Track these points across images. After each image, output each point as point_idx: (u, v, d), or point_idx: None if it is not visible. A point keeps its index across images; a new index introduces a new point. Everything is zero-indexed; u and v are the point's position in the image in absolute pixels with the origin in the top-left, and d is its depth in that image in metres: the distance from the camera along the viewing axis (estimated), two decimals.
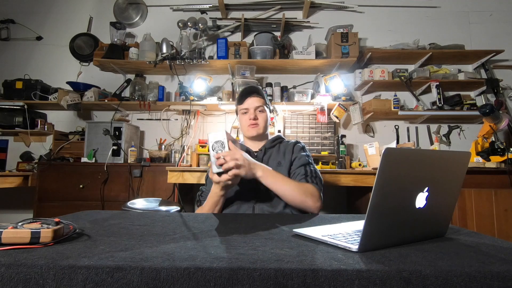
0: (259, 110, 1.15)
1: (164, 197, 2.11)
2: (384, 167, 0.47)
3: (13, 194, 2.59)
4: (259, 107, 1.15)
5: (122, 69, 2.66)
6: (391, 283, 0.40)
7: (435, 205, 0.57)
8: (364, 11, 2.77)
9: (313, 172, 1.07)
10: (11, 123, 2.45)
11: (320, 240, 0.55)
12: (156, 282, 0.39)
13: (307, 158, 1.12)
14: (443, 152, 0.58)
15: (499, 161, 1.94)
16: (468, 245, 0.55)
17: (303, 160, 1.10)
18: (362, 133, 2.68)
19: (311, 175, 1.06)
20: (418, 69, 2.55)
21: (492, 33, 2.72)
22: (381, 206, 0.49)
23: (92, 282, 0.39)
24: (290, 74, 2.72)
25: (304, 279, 0.40)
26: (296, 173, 1.08)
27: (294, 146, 1.16)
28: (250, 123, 1.14)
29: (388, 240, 0.53)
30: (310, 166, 1.10)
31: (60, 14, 2.84)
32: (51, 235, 0.49)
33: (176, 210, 1.53)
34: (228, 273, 0.40)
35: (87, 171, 2.17)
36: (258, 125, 1.14)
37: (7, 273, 0.39)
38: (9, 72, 2.70)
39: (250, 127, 1.15)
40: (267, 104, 1.20)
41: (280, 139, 1.21)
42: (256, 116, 1.15)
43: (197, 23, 2.50)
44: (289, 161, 1.11)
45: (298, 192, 0.96)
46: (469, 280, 0.40)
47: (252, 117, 1.13)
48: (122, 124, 2.33)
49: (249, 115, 1.14)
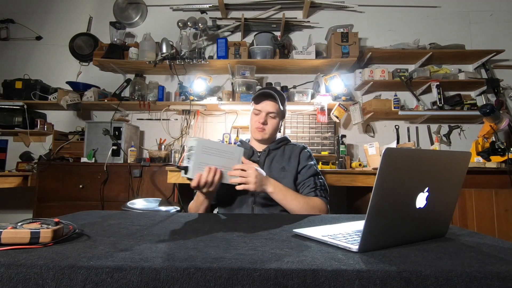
0: (270, 116, 1.13)
1: (164, 197, 2.11)
2: (384, 167, 0.47)
3: (12, 194, 2.59)
4: (271, 113, 1.13)
5: (122, 69, 2.66)
6: (391, 283, 0.40)
7: (435, 205, 0.57)
8: (364, 11, 2.77)
9: (322, 185, 1.09)
10: (11, 123, 2.45)
11: (320, 240, 0.55)
12: (156, 283, 0.39)
13: (315, 168, 1.13)
14: (443, 152, 0.58)
15: (499, 161, 1.94)
16: (468, 245, 0.55)
17: (312, 171, 1.10)
18: (362, 133, 2.68)
19: (320, 188, 1.07)
20: (419, 69, 2.55)
21: (492, 33, 2.72)
22: (381, 206, 0.49)
23: (91, 282, 0.39)
24: (290, 74, 2.72)
25: (304, 279, 0.40)
26: (305, 184, 1.08)
27: (301, 153, 1.15)
28: (258, 126, 1.12)
29: (388, 240, 0.53)
30: (319, 178, 1.10)
31: (59, 14, 2.84)
32: (51, 235, 0.49)
33: (176, 210, 1.53)
34: (228, 274, 0.40)
35: (87, 171, 2.17)
36: (264, 130, 1.13)
37: (7, 273, 0.39)
38: (9, 72, 2.69)
39: (257, 130, 1.13)
40: (282, 110, 1.17)
41: (286, 141, 1.20)
42: (266, 121, 1.12)
43: (197, 23, 2.50)
44: (295, 168, 1.11)
45: (307, 209, 0.98)
46: (470, 280, 0.40)
47: (262, 121, 1.12)
48: (122, 124, 2.33)
49: (260, 118, 1.12)
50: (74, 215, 0.79)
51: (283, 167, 1.10)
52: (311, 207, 0.99)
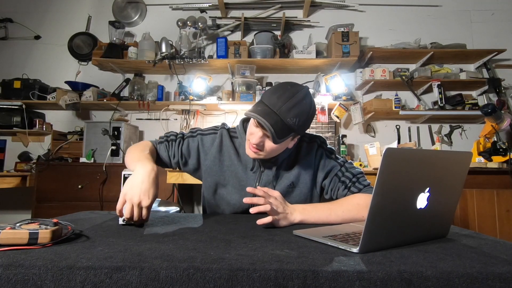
0: (268, 138, 0.77)
1: (163, 198, 2.11)
2: (385, 167, 0.47)
3: (11, 194, 2.59)
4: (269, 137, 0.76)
5: (121, 68, 2.66)
6: (392, 284, 0.39)
7: (436, 206, 0.57)
8: (365, 10, 2.77)
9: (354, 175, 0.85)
10: (9, 123, 2.45)
11: (320, 241, 0.55)
12: (155, 283, 0.39)
13: (339, 162, 0.88)
14: (444, 152, 0.58)
15: (501, 161, 1.94)
16: (469, 246, 0.55)
17: (336, 169, 0.87)
18: (363, 133, 2.68)
19: (352, 180, 0.84)
20: (420, 68, 2.55)
21: (494, 32, 2.71)
22: (382, 207, 0.49)
23: (90, 283, 0.39)
24: (290, 74, 2.71)
25: (304, 280, 0.39)
26: (333, 189, 0.87)
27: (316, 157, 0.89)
28: (250, 146, 0.80)
29: (389, 241, 0.52)
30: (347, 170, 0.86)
31: (58, 13, 2.83)
32: (49, 236, 0.48)
33: (176, 211, 1.52)
34: (227, 274, 0.39)
35: (86, 171, 2.17)
36: (259, 152, 0.80)
37: (5, 274, 0.39)
38: (7, 71, 2.69)
39: (250, 149, 0.81)
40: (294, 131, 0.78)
41: (300, 143, 0.90)
42: (262, 143, 0.78)
43: (197, 22, 2.49)
44: (310, 179, 0.87)
45: (350, 215, 0.75)
46: (471, 281, 0.40)
47: (255, 142, 0.78)
48: (121, 124, 2.32)
49: (254, 137, 0.78)
50: (73, 216, 0.79)
51: (292, 183, 0.87)
52: (356, 210, 0.75)
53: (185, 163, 0.92)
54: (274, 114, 0.74)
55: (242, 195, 0.81)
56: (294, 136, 0.81)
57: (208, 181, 0.91)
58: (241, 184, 0.88)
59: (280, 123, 0.74)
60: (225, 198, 0.89)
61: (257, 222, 0.67)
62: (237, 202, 0.88)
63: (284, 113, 0.74)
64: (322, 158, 0.89)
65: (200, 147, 0.91)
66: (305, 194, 0.88)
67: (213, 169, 0.90)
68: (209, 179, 0.91)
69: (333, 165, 0.88)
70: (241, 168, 0.89)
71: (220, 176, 0.90)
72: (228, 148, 0.90)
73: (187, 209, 2.51)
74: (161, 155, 0.91)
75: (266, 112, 0.74)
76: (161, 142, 0.92)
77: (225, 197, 0.89)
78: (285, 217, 0.70)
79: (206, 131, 0.94)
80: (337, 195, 0.86)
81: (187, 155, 0.91)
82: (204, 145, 0.91)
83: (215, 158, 0.90)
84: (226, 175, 0.89)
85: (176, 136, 0.93)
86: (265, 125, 0.72)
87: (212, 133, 0.93)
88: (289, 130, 0.76)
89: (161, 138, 0.94)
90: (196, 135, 0.93)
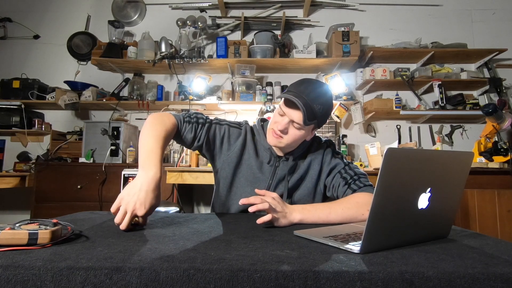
0: (294, 126, 0.84)
1: (163, 198, 2.11)
2: (386, 167, 0.47)
3: (10, 194, 2.58)
4: (297, 123, 0.83)
5: (120, 68, 2.65)
6: (393, 285, 0.39)
7: (437, 206, 0.56)
8: (365, 9, 2.77)
9: (355, 174, 0.88)
10: (8, 123, 2.45)
11: (321, 242, 0.54)
12: (155, 284, 0.39)
13: (341, 162, 0.92)
14: (445, 152, 0.58)
15: (502, 161, 1.93)
16: (471, 246, 0.55)
17: (338, 168, 0.91)
18: (363, 133, 2.68)
19: (352, 178, 0.86)
20: (420, 68, 2.55)
21: (495, 31, 2.71)
22: (383, 207, 0.49)
23: (90, 283, 0.39)
24: (290, 73, 2.71)
25: (305, 280, 0.39)
26: (334, 186, 0.90)
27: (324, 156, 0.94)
28: (275, 131, 0.86)
29: (390, 242, 0.52)
30: (348, 169, 0.90)
31: (57, 12, 2.83)
32: (49, 236, 0.48)
33: (175, 211, 1.52)
34: (228, 275, 0.39)
35: (85, 172, 2.16)
36: (281, 139, 0.86)
37: (5, 274, 0.39)
38: (6, 71, 2.69)
39: (272, 134, 0.86)
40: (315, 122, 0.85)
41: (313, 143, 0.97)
42: (287, 130, 0.85)
43: (196, 22, 2.49)
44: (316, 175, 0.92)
45: (350, 214, 0.75)
46: (473, 282, 0.40)
47: (281, 129, 0.84)
48: (120, 124, 2.32)
49: (280, 124, 0.84)
50: (73, 216, 0.78)
51: (301, 177, 0.92)
52: (355, 208, 0.76)
53: (208, 149, 0.94)
54: (303, 98, 0.81)
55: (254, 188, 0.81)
56: (314, 127, 0.88)
57: (226, 171, 0.94)
58: (255, 177, 0.92)
59: (309, 107, 0.81)
60: (237, 191, 0.93)
61: (257, 221, 0.67)
62: (248, 195, 0.86)
63: (312, 99, 0.82)
64: (329, 156, 0.94)
65: (225, 137, 0.94)
66: (309, 189, 0.92)
67: (234, 161, 0.93)
68: (227, 169, 0.94)
69: (337, 162, 0.93)
70: (257, 164, 0.93)
71: (237, 169, 0.93)
72: (250, 144, 0.95)
73: (187, 209, 2.50)
74: (184, 135, 0.89)
75: (297, 96, 0.81)
76: (189, 122, 0.90)
77: (238, 191, 0.93)
78: (284, 216, 0.71)
79: (232, 123, 0.98)
80: (338, 192, 0.89)
81: (212, 142, 0.94)
82: (231, 136, 0.95)
83: (239, 151, 0.93)
84: (242, 168, 0.94)
85: (205, 120, 0.93)
86: (299, 104, 0.80)
87: (238, 128, 0.97)
88: (314, 116, 0.83)
89: (188, 116, 0.91)
90: (223, 124, 0.96)
